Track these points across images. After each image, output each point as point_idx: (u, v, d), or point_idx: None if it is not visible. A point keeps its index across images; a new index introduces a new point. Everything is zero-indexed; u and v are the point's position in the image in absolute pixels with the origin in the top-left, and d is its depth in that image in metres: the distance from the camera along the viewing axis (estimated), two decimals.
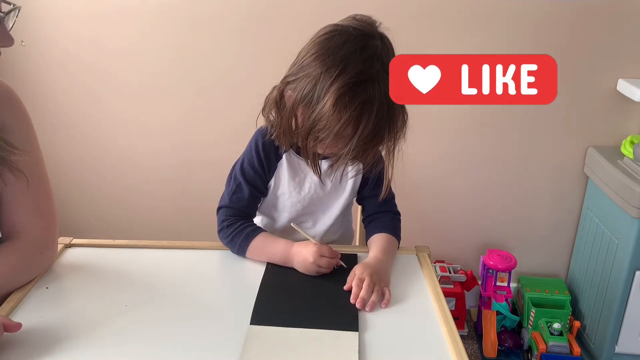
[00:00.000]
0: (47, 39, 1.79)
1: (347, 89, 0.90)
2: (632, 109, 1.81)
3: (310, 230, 1.14)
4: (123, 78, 1.84)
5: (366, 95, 0.91)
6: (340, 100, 0.89)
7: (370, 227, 1.12)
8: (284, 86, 0.97)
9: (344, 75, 0.90)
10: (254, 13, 1.75)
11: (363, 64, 0.91)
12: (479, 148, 1.90)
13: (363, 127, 0.91)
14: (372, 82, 0.91)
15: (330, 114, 0.90)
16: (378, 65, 0.92)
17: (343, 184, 1.12)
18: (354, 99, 0.90)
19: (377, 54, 0.93)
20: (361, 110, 0.91)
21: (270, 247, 1.03)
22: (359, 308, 0.90)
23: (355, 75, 0.90)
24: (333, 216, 1.14)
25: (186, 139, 1.91)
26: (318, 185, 1.10)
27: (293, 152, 1.08)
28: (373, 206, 1.14)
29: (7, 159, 0.89)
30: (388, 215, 1.13)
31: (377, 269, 0.97)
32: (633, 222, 1.61)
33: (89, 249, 1.06)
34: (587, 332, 1.87)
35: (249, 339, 0.81)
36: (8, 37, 0.82)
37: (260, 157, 1.08)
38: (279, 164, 1.09)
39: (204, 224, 2.02)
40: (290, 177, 1.09)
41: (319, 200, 1.13)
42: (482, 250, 2.01)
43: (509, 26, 1.75)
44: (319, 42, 0.94)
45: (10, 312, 0.86)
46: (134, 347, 0.80)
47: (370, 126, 0.92)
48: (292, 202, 1.11)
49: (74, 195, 1.98)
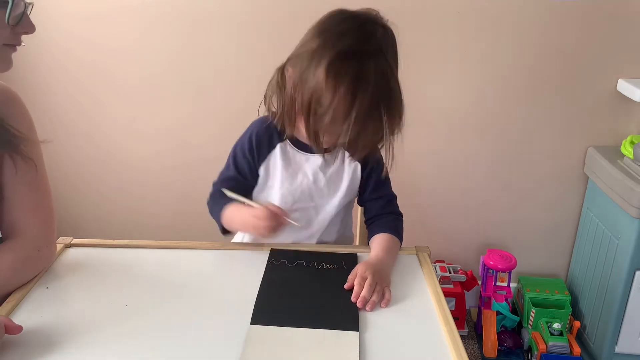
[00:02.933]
0: (47, 39, 1.79)
1: (341, 58, 0.91)
2: (632, 109, 1.81)
3: (305, 231, 1.13)
4: (123, 78, 1.84)
5: (360, 68, 0.92)
6: (333, 70, 0.91)
7: (372, 227, 1.12)
8: (284, 64, 1.00)
9: (338, 46, 0.92)
10: (254, 14, 1.75)
11: (359, 39, 0.93)
12: (479, 148, 1.90)
13: (360, 101, 0.92)
14: (367, 56, 0.92)
15: (325, 85, 0.91)
16: (375, 45, 0.93)
17: (338, 183, 1.11)
18: (348, 70, 0.91)
19: (375, 36, 0.94)
20: (356, 84, 0.91)
21: (235, 215, 1.06)
22: (359, 307, 0.90)
23: (350, 46, 0.92)
24: (328, 216, 1.13)
25: (186, 139, 1.91)
26: (311, 180, 1.10)
27: (290, 143, 1.09)
28: (375, 208, 1.14)
29: (19, 146, 0.91)
30: (390, 216, 1.13)
31: (378, 268, 0.97)
32: (633, 222, 1.61)
33: (89, 249, 1.06)
34: (587, 332, 1.87)
35: (250, 338, 0.81)
36: (31, 24, 0.87)
37: (252, 144, 1.09)
38: (271, 154, 1.10)
39: (204, 224, 2.02)
40: (283, 168, 1.09)
41: (311, 196, 1.11)
42: (482, 250, 2.01)
43: (509, 27, 1.75)
44: (320, 21, 0.98)
45: (10, 312, 0.86)
46: (134, 347, 0.80)
47: (367, 101, 0.92)
48: (283, 193, 1.10)
49: (74, 195, 1.98)
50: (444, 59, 1.79)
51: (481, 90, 1.83)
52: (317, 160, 1.09)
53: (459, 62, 1.79)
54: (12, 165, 0.92)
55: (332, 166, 1.11)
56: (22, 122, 0.94)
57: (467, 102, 1.84)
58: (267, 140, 1.09)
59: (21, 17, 0.85)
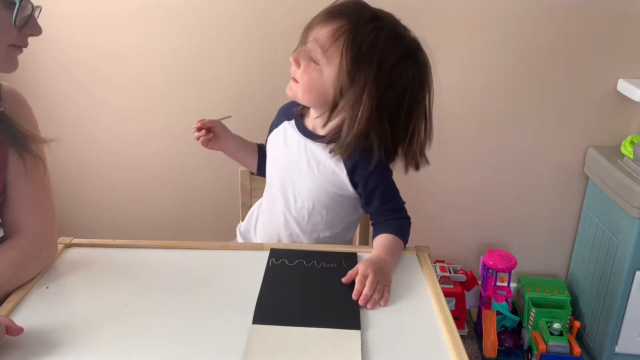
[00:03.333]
0: (47, 40, 1.78)
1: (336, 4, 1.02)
2: (632, 109, 1.81)
3: (278, 216, 1.18)
4: (123, 79, 1.84)
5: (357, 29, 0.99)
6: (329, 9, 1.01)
7: (377, 227, 1.12)
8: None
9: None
10: (255, 14, 1.75)
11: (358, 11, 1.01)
12: (479, 148, 1.90)
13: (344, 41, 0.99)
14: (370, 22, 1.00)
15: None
16: (376, 20, 1.01)
17: (316, 172, 1.10)
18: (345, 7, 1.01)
19: (381, 15, 1.03)
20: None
21: None
22: (361, 305, 0.90)
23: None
24: (305, 205, 1.13)
25: (186, 139, 1.90)
26: (296, 159, 1.13)
27: (294, 124, 1.16)
28: (382, 216, 1.12)
29: (29, 146, 0.93)
30: (398, 220, 1.12)
31: (380, 267, 0.97)
32: (633, 222, 1.61)
33: (89, 249, 1.06)
34: (587, 332, 1.87)
35: (252, 338, 0.81)
36: (38, 26, 0.90)
37: (276, 116, 1.23)
38: (276, 128, 1.20)
39: (204, 224, 2.03)
40: (280, 143, 1.18)
41: (291, 176, 1.14)
42: (482, 250, 2.01)
43: (509, 26, 1.75)
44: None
45: (10, 312, 0.86)
46: (134, 347, 0.80)
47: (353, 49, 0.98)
48: (272, 164, 1.19)
49: (74, 195, 1.98)
50: (444, 59, 1.79)
51: (481, 90, 1.83)
52: (310, 146, 1.11)
53: (458, 62, 1.79)
54: (21, 163, 0.93)
55: (317, 158, 1.11)
56: (29, 122, 0.96)
57: (467, 102, 1.84)
58: (277, 118, 1.21)
59: (28, 19, 0.86)
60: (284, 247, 1.08)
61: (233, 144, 1.26)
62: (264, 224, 1.23)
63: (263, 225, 1.23)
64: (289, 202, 1.15)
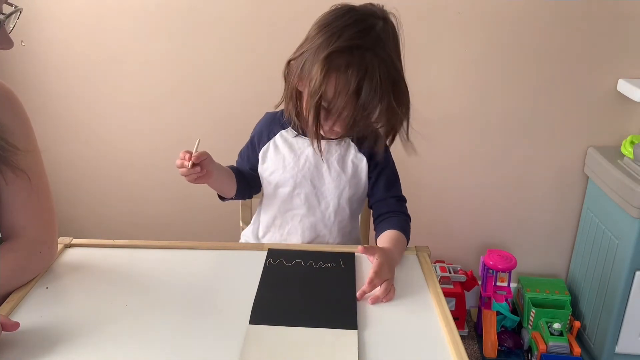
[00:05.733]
0: (47, 40, 1.79)
1: (339, 52, 0.95)
2: (632, 109, 1.81)
3: (306, 219, 1.16)
4: (123, 78, 1.84)
5: (359, 61, 0.95)
6: (332, 64, 0.95)
7: (380, 225, 1.13)
8: (291, 59, 1.05)
9: (336, 42, 0.96)
10: (255, 14, 1.75)
11: (358, 33, 0.97)
12: (478, 148, 1.90)
13: (363, 91, 0.95)
14: (365, 49, 0.96)
15: (323, 79, 0.96)
16: (374, 37, 0.97)
17: (340, 173, 1.13)
18: (346, 64, 0.95)
19: (374, 29, 0.98)
20: (354, 77, 0.95)
21: None
22: (369, 291, 0.92)
23: (348, 40, 0.96)
24: (331, 207, 1.15)
25: (186, 139, 1.90)
26: (313, 164, 1.14)
27: (292, 129, 1.16)
28: (385, 207, 1.16)
29: (8, 159, 0.88)
30: (401, 216, 1.14)
31: (390, 261, 0.98)
32: (633, 222, 1.61)
33: (89, 249, 1.06)
34: (587, 332, 1.87)
35: (249, 338, 0.81)
36: (8, 39, 0.82)
37: (253, 137, 1.21)
38: (270, 141, 1.17)
39: (204, 224, 2.03)
40: (285, 153, 1.15)
41: (312, 181, 1.14)
42: (482, 250, 2.01)
43: (509, 27, 1.75)
44: (323, 17, 1.02)
45: (10, 312, 0.86)
46: (133, 347, 0.80)
47: (367, 93, 0.96)
48: (285, 176, 1.15)
49: (74, 195, 1.98)
50: (444, 59, 1.79)
51: (481, 90, 1.83)
52: (324, 146, 1.13)
53: (458, 62, 1.79)
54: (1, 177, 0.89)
55: (335, 154, 1.14)
56: (16, 122, 0.92)
57: (467, 102, 1.84)
58: (266, 129, 1.18)
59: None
60: (282, 247, 1.08)
61: (217, 173, 1.10)
62: (282, 236, 1.21)
63: (282, 237, 1.21)
64: (313, 206, 1.16)
